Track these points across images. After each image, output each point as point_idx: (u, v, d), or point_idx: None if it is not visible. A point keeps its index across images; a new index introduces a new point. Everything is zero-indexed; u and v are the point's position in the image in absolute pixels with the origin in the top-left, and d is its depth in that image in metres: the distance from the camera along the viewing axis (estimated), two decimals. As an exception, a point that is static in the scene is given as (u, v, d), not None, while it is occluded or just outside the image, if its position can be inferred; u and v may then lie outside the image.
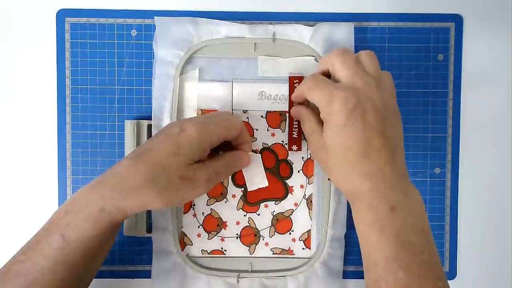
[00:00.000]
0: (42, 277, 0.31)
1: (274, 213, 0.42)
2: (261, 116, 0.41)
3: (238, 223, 0.42)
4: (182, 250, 0.42)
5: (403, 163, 0.34)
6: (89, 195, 0.32)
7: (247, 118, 0.41)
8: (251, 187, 0.41)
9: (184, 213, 0.42)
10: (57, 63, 0.42)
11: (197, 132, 0.34)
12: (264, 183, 0.41)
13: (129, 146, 0.40)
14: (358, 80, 0.33)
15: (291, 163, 0.42)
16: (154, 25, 0.41)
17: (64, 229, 0.31)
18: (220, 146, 0.37)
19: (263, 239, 0.42)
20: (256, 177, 0.41)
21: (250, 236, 0.42)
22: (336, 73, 0.34)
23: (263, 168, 0.41)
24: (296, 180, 0.42)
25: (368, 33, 0.42)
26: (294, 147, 0.41)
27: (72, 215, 0.32)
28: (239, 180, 0.42)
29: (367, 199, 0.32)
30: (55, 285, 0.31)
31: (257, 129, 0.41)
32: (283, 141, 0.42)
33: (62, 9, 0.42)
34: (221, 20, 0.41)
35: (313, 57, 0.41)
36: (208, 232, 0.42)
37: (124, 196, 0.32)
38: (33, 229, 0.42)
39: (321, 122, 0.36)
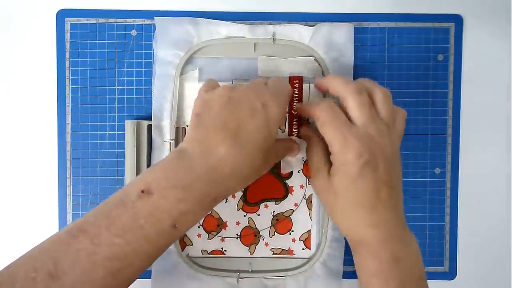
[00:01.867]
0: (139, 261, 0.30)
1: (274, 213, 0.42)
2: (261, 116, 0.41)
3: (238, 223, 0.42)
4: (182, 250, 0.42)
5: (402, 211, 0.35)
6: (204, 184, 0.31)
7: (247, 118, 0.41)
8: (285, 169, 0.42)
9: (184, 213, 0.42)
10: (57, 63, 0.42)
11: (278, 109, 0.33)
12: (298, 167, 0.42)
13: (129, 146, 0.40)
14: (372, 128, 0.33)
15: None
16: (154, 25, 0.41)
17: (177, 218, 0.30)
18: None
19: (263, 239, 0.42)
20: (293, 161, 0.42)
21: (250, 236, 0.42)
22: (349, 110, 0.34)
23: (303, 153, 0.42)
24: (296, 180, 0.42)
25: (368, 33, 0.42)
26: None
27: (186, 205, 0.30)
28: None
29: (372, 249, 0.34)
30: (147, 265, 0.31)
31: None
32: (283, 141, 0.41)
33: (62, 9, 0.42)
34: (221, 20, 0.41)
35: (313, 58, 0.41)
36: (208, 232, 0.42)
37: (236, 183, 0.32)
38: (33, 229, 0.42)
39: (327, 160, 0.35)
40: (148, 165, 0.41)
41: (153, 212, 0.30)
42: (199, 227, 0.42)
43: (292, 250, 0.42)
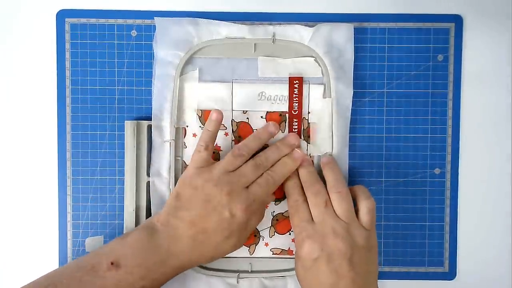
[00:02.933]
0: None
1: (274, 214, 0.42)
2: (261, 117, 0.41)
3: (238, 223, 0.42)
4: (182, 250, 0.42)
5: None
6: (163, 268, 0.36)
7: (247, 118, 0.41)
8: None
9: (184, 213, 0.42)
10: (57, 63, 0.42)
11: (245, 218, 0.37)
12: None
13: (129, 146, 0.40)
14: (326, 227, 0.36)
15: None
16: (154, 26, 0.41)
17: None
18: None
19: (263, 240, 0.42)
20: None
21: (250, 236, 0.42)
22: (310, 206, 0.38)
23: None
24: (296, 180, 0.42)
25: (368, 33, 0.42)
26: (294, 148, 0.41)
27: (146, 281, 0.35)
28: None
29: None
30: None
31: (256, 130, 0.41)
32: (283, 142, 0.41)
33: (62, 9, 0.42)
34: (221, 20, 0.41)
35: (313, 58, 0.41)
36: (208, 232, 0.42)
37: (192, 266, 0.38)
38: (32, 228, 0.42)
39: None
40: (148, 165, 0.41)
41: (118, 284, 0.35)
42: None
43: (292, 250, 0.42)
